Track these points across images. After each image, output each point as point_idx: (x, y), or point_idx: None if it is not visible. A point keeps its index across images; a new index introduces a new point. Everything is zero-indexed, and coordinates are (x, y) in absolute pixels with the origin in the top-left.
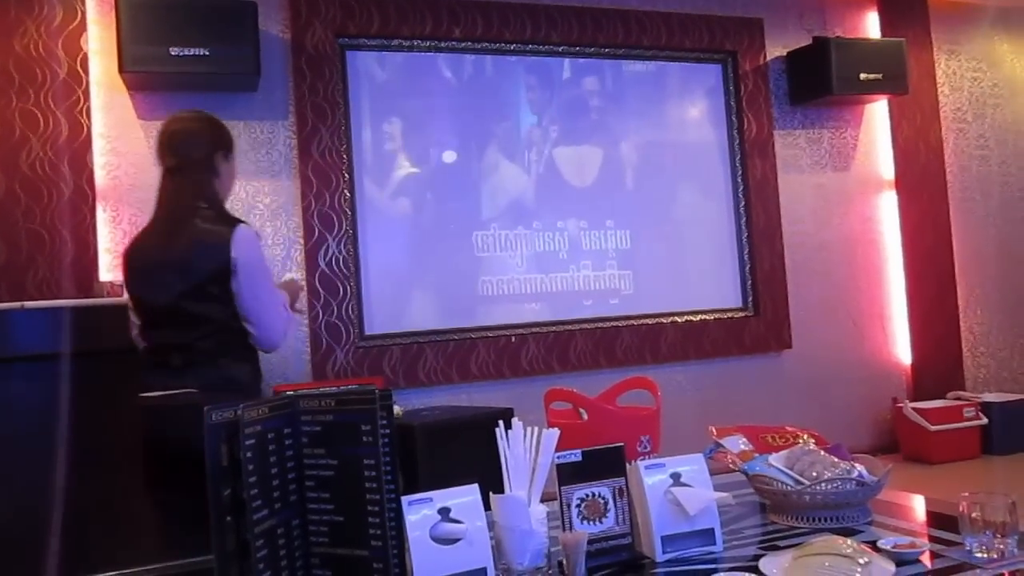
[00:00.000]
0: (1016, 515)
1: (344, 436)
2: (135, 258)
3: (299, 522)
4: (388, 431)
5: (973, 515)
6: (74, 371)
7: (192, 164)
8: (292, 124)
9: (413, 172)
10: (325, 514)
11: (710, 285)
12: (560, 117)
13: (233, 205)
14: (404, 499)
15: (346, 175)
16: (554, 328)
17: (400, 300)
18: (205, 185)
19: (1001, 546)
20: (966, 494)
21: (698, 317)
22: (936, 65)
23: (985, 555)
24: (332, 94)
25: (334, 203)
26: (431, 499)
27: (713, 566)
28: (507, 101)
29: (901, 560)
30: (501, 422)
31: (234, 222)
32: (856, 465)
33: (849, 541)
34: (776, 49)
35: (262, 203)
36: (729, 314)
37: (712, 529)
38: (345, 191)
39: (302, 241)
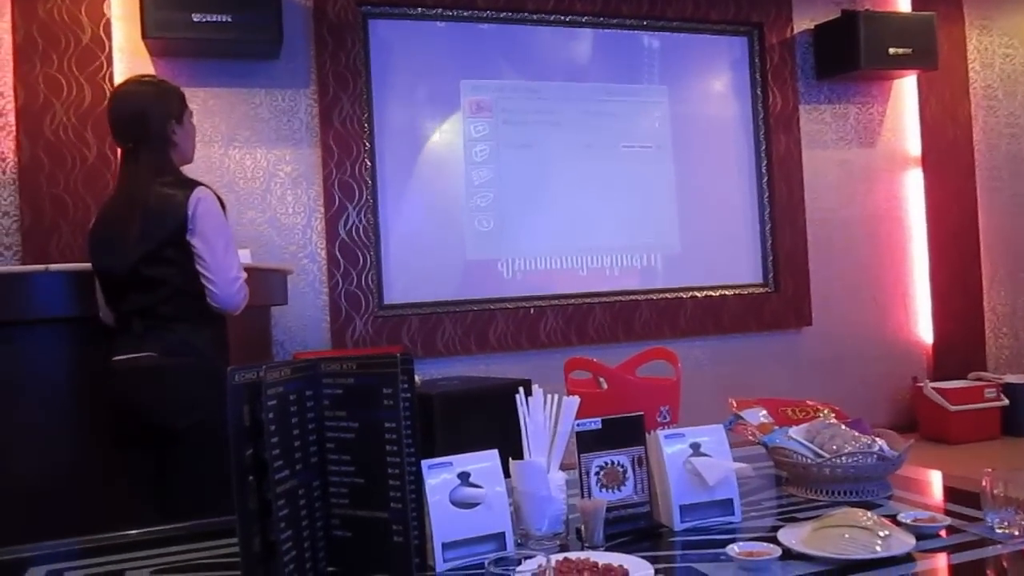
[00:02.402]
0: None
1: (365, 400)
2: (96, 232)
3: (320, 484)
4: (409, 395)
5: (996, 491)
6: (96, 334)
7: (146, 142)
8: (314, 92)
9: (434, 142)
10: (346, 476)
11: (730, 260)
12: (583, 88)
13: (255, 174)
14: (424, 463)
15: (367, 144)
16: (573, 300)
17: (419, 270)
18: (162, 160)
19: (1022, 522)
20: (989, 470)
21: (718, 292)
22: (967, 41)
23: (1007, 531)
24: (354, 62)
25: (355, 172)
26: (451, 463)
27: (731, 536)
28: (529, 71)
29: (921, 534)
30: (521, 389)
31: (192, 185)
32: (877, 439)
33: (869, 514)
34: (803, 22)
35: (283, 171)
36: (749, 290)
37: (731, 500)
38: (366, 160)
39: (322, 210)
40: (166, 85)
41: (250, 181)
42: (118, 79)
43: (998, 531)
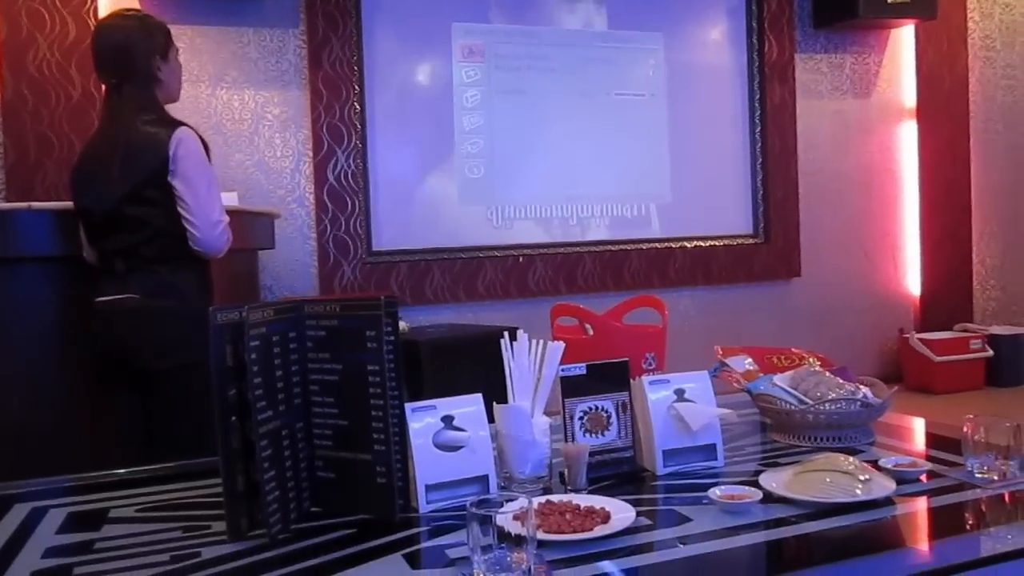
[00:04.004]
0: (1020, 439)
1: (349, 342)
2: (78, 171)
3: (303, 425)
4: (392, 338)
5: (976, 437)
6: (82, 273)
7: (130, 78)
8: (303, 33)
9: (425, 87)
10: (329, 418)
11: (721, 211)
12: (577, 34)
13: (242, 116)
14: (407, 406)
15: (356, 87)
16: (562, 250)
17: (409, 217)
18: (146, 97)
19: (1003, 467)
20: (971, 417)
21: (708, 243)
22: None
23: (986, 476)
24: (344, 3)
25: (344, 116)
26: (435, 407)
27: (714, 480)
28: (522, 16)
29: (902, 479)
30: (506, 334)
31: (175, 124)
32: (861, 387)
33: (851, 459)
34: None
35: (271, 114)
36: (739, 240)
37: (714, 445)
38: (355, 104)
39: (311, 154)
40: (151, 20)
41: (238, 123)
42: (103, 13)
43: (978, 476)
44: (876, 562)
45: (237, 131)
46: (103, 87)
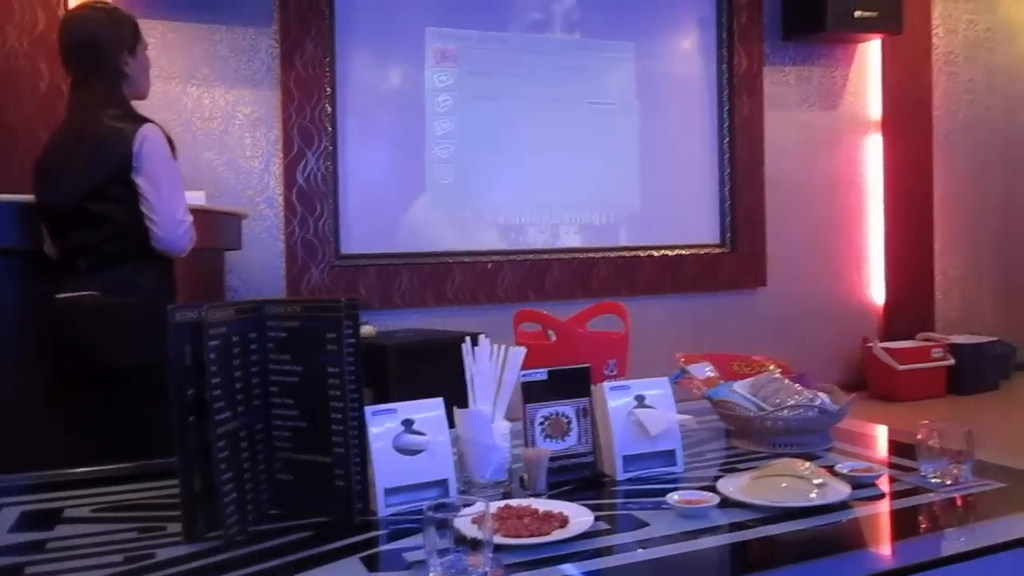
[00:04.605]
0: (972, 444)
1: (310, 344)
2: (40, 165)
3: (262, 426)
4: (353, 341)
5: (930, 442)
6: (45, 268)
7: (96, 72)
8: (276, 32)
9: (397, 90)
10: (289, 419)
11: (689, 220)
12: (550, 41)
13: (212, 114)
14: (367, 409)
15: (328, 89)
16: (531, 256)
17: (378, 220)
18: (112, 92)
19: (956, 472)
20: (925, 422)
21: (675, 251)
22: (933, 6)
23: (940, 480)
24: (318, 3)
25: (315, 117)
26: (395, 410)
27: (673, 485)
28: (496, 22)
29: (857, 483)
30: (468, 338)
31: (140, 120)
32: (819, 394)
33: (807, 464)
34: None
35: (241, 113)
36: (706, 249)
37: (674, 450)
38: (327, 105)
39: (281, 154)
40: (120, 13)
41: (208, 121)
42: (73, 4)
43: (932, 480)
44: (830, 565)
45: (207, 129)
46: (70, 80)
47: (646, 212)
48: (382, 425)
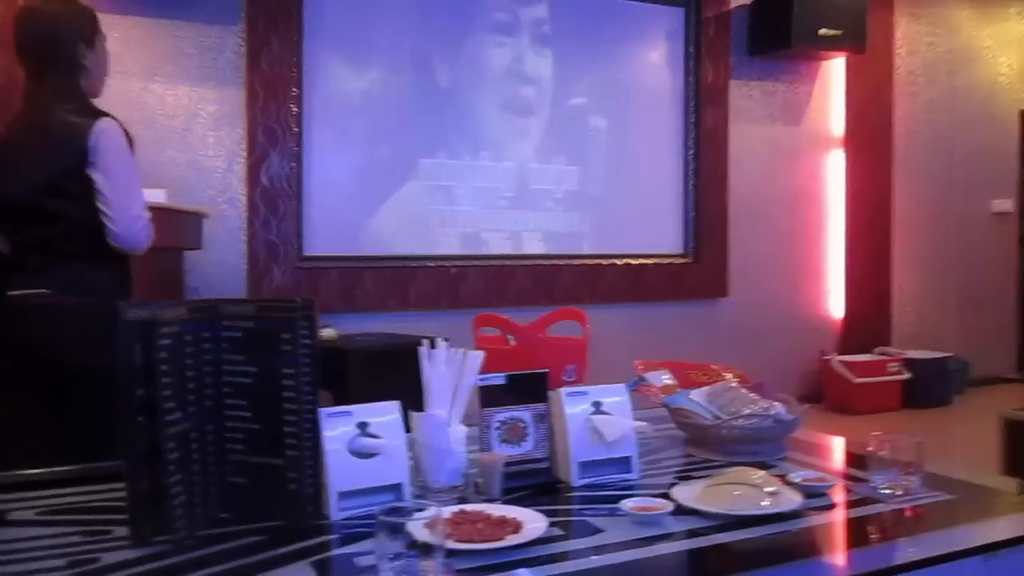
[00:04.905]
0: (923, 455)
1: (264, 344)
2: None
3: (215, 428)
4: (309, 342)
5: (881, 453)
6: None
7: (54, 65)
8: (242, 31)
9: (364, 92)
10: (242, 421)
11: (653, 229)
12: (517, 48)
13: (175, 111)
14: (322, 411)
15: (295, 89)
16: (494, 262)
17: (342, 223)
18: (69, 85)
19: (906, 483)
20: (877, 433)
21: (638, 260)
22: (896, 27)
23: (890, 491)
24: (286, 3)
25: (280, 117)
26: (350, 413)
27: (628, 492)
28: (464, 28)
29: (809, 492)
30: (426, 341)
31: (97, 115)
32: (774, 403)
33: (760, 472)
34: None
35: (205, 111)
36: (669, 259)
37: (629, 457)
38: (292, 106)
39: (245, 154)
40: (78, 5)
41: (171, 119)
42: None
43: (882, 491)
44: (780, 573)
45: (170, 127)
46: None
47: (611, 221)
48: (336, 428)
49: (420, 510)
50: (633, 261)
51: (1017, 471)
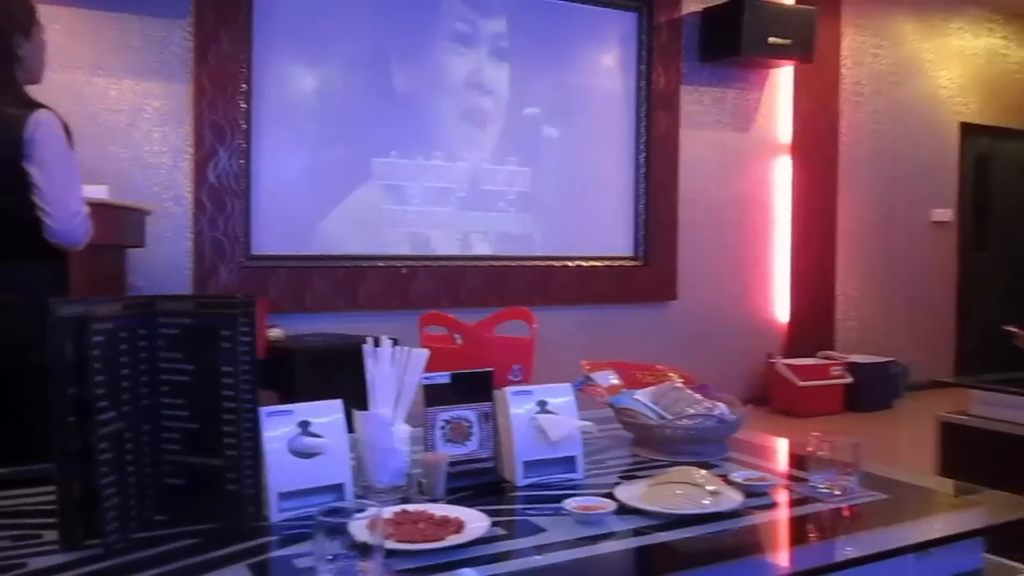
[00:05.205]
0: (860, 456)
1: (203, 341)
2: None
3: (151, 428)
4: (249, 339)
5: (820, 454)
6: None
7: None
8: (190, 25)
9: (316, 90)
10: (179, 421)
11: (603, 232)
12: (470, 49)
13: (119, 106)
14: (262, 410)
15: (244, 86)
16: (446, 263)
17: (291, 222)
18: (5, 76)
19: (844, 483)
20: (816, 434)
21: (589, 263)
22: (842, 37)
23: (829, 490)
24: None
25: (229, 114)
26: (291, 412)
27: (572, 492)
28: (416, 28)
29: (750, 492)
30: (370, 339)
31: (34, 107)
32: (718, 404)
33: (703, 472)
34: (692, 4)
35: (151, 106)
36: (620, 262)
37: (574, 457)
38: (241, 102)
39: (191, 150)
40: None
41: (114, 113)
42: None
43: (821, 490)
44: (719, 571)
45: (113, 122)
46: None
47: (562, 223)
48: (277, 428)
49: (360, 511)
50: (584, 263)
51: (952, 472)
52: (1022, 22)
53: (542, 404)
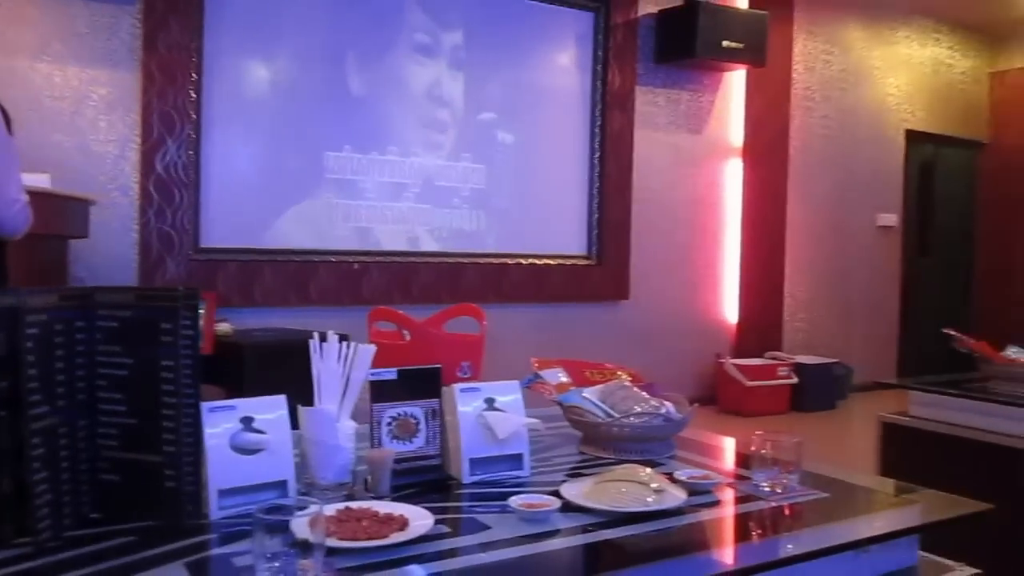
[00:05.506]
0: (801, 454)
1: (143, 334)
2: None
3: (87, 423)
4: (191, 333)
5: (763, 452)
6: None
7: None
8: (139, 12)
9: (270, 82)
10: (116, 416)
11: (557, 231)
12: (428, 47)
13: (64, 93)
14: (204, 405)
15: (194, 75)
16: (399, 259)
17: (242, 215)
18: None
19: (785, 481)
20: (759, 433)
21: (543, 261)
22: (794, 43)
23: (770, 489)
24: None
25: (178, 103)
26: (234, 407)
27: (518, 489)
28: (373, 21)
29: (693, 490)
30: (316, 334)
31: None
32: (665, 403)
33: (648, 470)
34: (648, 5)
35: (96, 94)
36: (573, 261)
37: (521, 455)
38: (191, 92)
39: (138, 140)
40: None
41: (58, 100)
42: None
43: (763, 489)
44: (662, 569)
45: (57, 109)
46: None
47: (516, 221)
48: (219, 424)
49: (302, 508)
50: (537, 261)
51: (893, 471)
52: (966, 33)
53: (490, 401)
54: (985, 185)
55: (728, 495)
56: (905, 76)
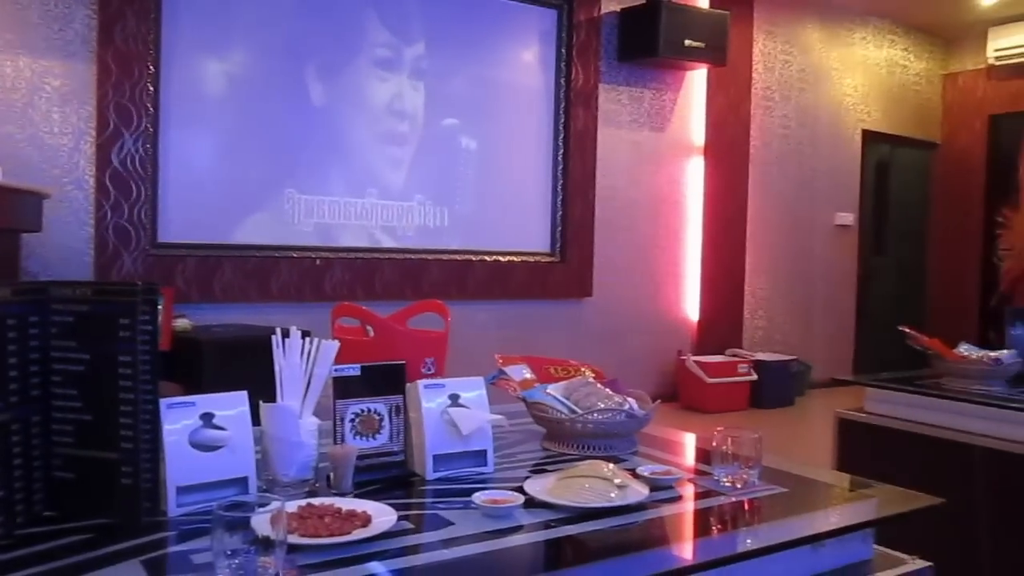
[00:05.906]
0: (761, 450)
1: (99, 330)
2: None
3: (41, 420)
4: (150, 327)
5: (724, 448)
6: None
7: None
8: (94, 3)
9: (230, 74)
10: (71, 412)
11: (521, 228)
12: (390, 41)
13: (16, 84)
14: (163, 402)
15: (151, 68)
16: (362, 255)
17: (201, 209)
18: None
19: (745, 476)
20: (720, 429)
21: (506, 258)
22: (754, 43)
23: (731, 484)
24: None
25: (135, 96)
26: (194, 403)
27: (482, 486)
28: (336, 16)
29: (656, 485)
30: (279, 329)
31: None
32: (628, 399)
33: (611, 466)
34: (611, 4)
35: (50, 85)
36: (536, 258)
37: (485, 451)
38: (148, 85)
39: (94, 133)
40: None
41: (9, 91)
42: None
43: (723, 484)
44: (624, 564)
45: (8, 100)
46: None
47: (480, 217)
48: (178, 420)
49: (263, 505)
50: (501, 258)
51: (849, 466)
52: (921, 35)
53: (454, 398)
54: (938, 186)
55: (689, 490)
56: (862, 77)
